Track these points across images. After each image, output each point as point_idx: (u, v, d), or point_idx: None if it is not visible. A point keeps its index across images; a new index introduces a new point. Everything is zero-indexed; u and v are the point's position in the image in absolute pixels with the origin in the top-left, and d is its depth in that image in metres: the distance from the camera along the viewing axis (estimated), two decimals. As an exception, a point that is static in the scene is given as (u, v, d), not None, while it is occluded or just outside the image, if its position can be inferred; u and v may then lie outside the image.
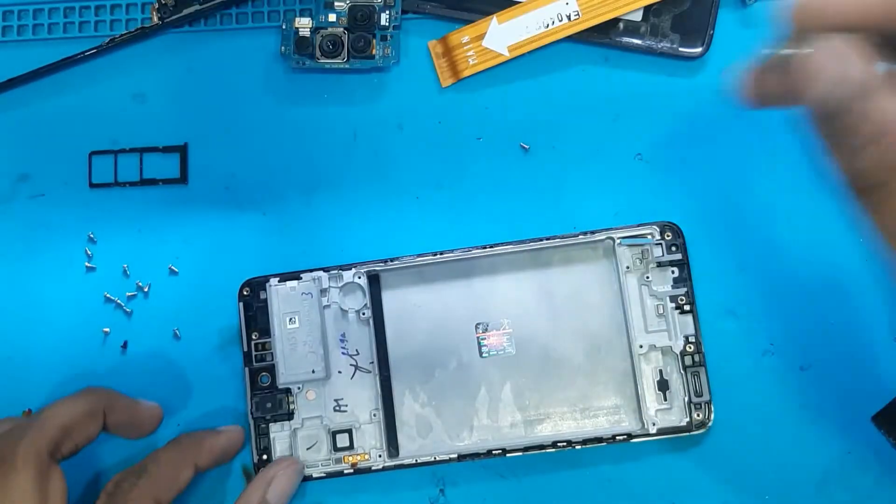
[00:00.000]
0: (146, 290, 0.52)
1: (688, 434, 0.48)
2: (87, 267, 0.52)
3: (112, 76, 0.54)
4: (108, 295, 0.52)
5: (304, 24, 0.52)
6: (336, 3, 0.52)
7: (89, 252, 0.52)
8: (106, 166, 0.53)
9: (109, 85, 0.54)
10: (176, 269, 0.52)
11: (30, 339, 0.52)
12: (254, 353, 0.50)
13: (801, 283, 0.51)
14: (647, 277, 0.49)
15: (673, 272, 0.49)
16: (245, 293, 0.50)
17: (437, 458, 0.48)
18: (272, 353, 0.49)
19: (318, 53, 0.52)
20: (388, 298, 0.50)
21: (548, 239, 0.49)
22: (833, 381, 0.50)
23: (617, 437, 0.48)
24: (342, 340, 0.50)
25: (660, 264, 0.49)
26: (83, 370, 0.50)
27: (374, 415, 0.49)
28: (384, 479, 0.50)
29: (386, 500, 0.50)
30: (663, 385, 0.49)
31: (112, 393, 0.46)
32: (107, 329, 0.52)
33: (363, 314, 0.50)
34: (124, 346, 0.52)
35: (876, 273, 0.51)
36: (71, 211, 0.53)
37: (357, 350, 0.50)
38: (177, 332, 0.52)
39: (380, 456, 0.49)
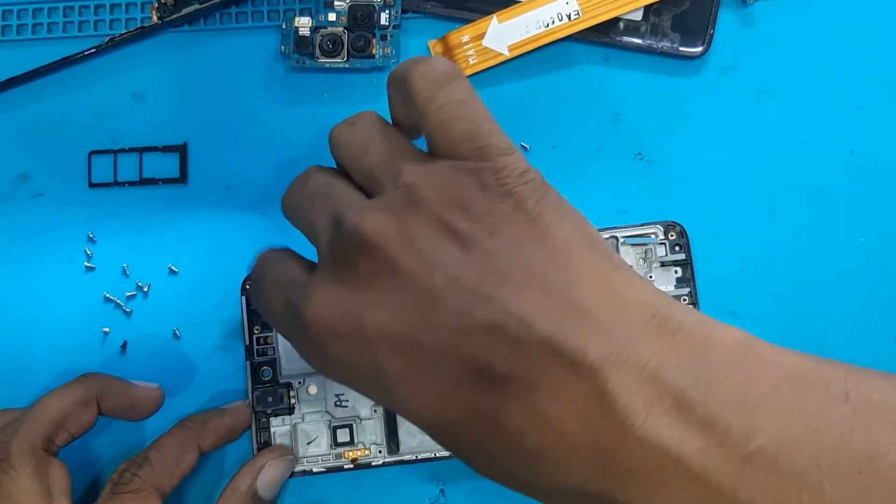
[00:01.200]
0: (146, 289, 0.52)
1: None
2: (86, 267, 0.52)
3: (111, 76, 0.54)
4: (107, 295, 0.52)
5: (303, 24, 0.52)
6: (336, 3, 0.52)
7: (89, 252, 0.52)
8: (105, 166, 0.53)
9: (109, 84, 0.54)
10: (176, 269, 0.52)
11: (29, 338, 0.51)
12: (255, 346, 0.49)
13: (801, 284, 0.51)
14: (651, 277, 0.49)
15: (676, 272, 0.49)
16: (248, 286, 0.49)
17: (438, 455, 0.48)
18: (274, 347, 0.49)
19: (317, 53, 0.52)
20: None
21: (549, 236, 0.49)
22: (833, 380, 0.50)
23: (619, 435, 0.48)
24: (344, 335, 0.50)
25: (663, 264, 0.49)
26: (82, 370, 0.49)
27: (375, 410, 0.49)
28: (385, 477, 0.50)
29: (386, 497, 0.50)
30: (665, 384, 0.49)
31: (106, 378, 0.46)
32: (106, 329, 0.51)
33: (365, 309, 0.49)
34: (124, 346, 0.51)
35: (876, 273, 0.51)
36: (70, 211, 0.53)
37: (359, 346, 0.50)
38: (176, 331, 0.51)
39: (380, 451, 0.49)
